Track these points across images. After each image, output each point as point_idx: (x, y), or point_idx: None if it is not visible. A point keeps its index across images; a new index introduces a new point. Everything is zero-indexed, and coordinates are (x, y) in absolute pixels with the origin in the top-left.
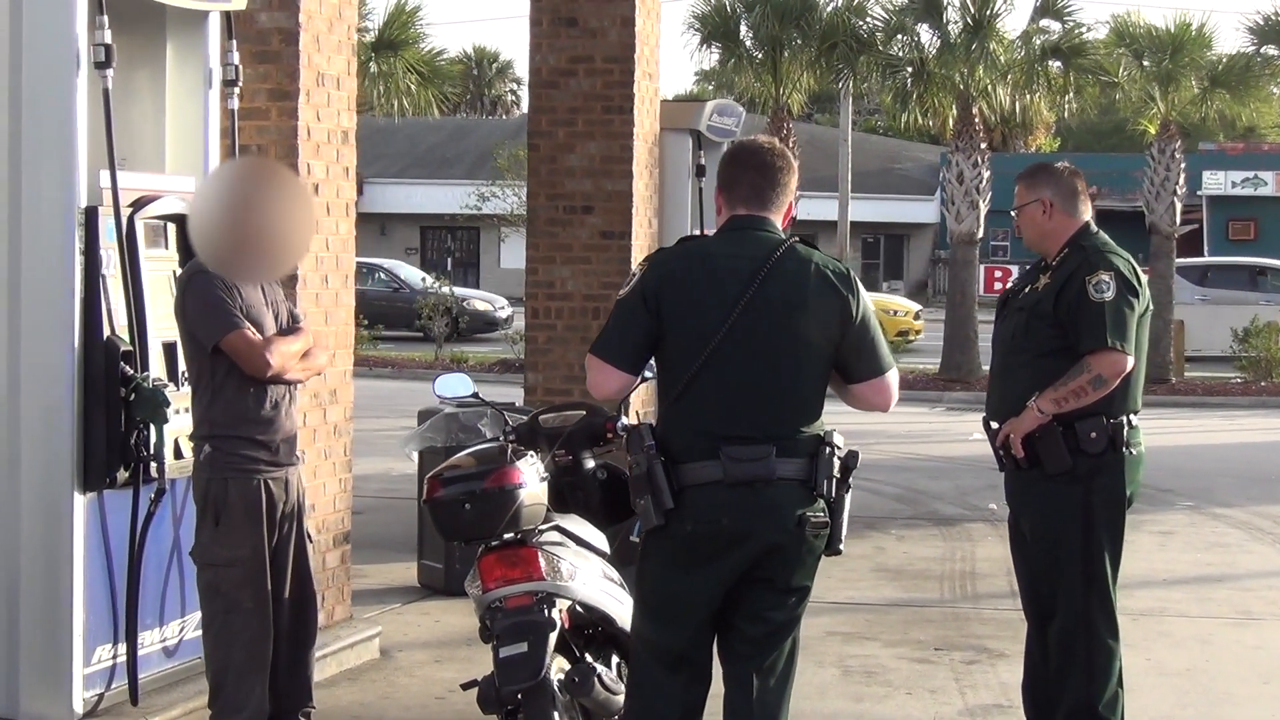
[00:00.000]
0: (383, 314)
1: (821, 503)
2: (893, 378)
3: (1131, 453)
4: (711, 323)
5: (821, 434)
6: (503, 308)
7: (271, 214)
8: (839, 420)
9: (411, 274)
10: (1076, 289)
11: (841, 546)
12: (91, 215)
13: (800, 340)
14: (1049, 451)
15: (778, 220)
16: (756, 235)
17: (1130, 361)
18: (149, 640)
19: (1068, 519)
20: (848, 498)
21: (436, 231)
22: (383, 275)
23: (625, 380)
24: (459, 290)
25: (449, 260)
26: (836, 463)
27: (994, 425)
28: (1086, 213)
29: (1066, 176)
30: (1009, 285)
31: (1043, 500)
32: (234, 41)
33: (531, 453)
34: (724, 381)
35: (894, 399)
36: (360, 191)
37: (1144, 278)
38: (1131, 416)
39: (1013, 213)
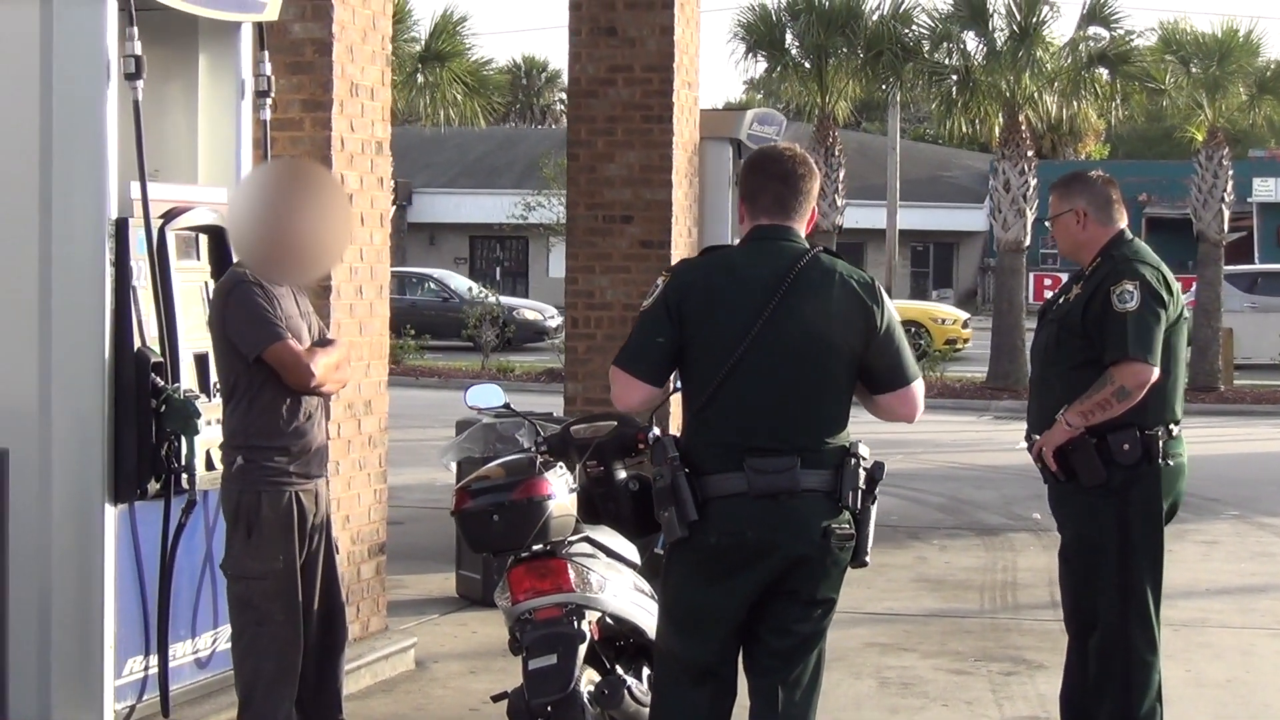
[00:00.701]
0: (432, 324)
1: (847, 514)
2: (918, 388)
3: (1169, 464)
4: (735, 334)
5: (847, 445)
6: (552, 317)
7: (309, 212)
8: (884, 430)
9: (461, 284)
10: (1101, 299)
11: (867, 558)
12: (122, 227)
13: (825, 350)
14: (1083, 464)
15: (801, 229)
16: (780, 245)
17: (1155, 372)
18: (181, 651)
19: (1104, 531)
20: (873, 509)
21: (485, 241)
22: (432, 285)
23: (649, 392)
24: (509, 300)
25: (498, 269)
26: (862, 474)
27: (1035, 438)
28: (1121, 221)
29: (1100, 185)
30: (1050, 295)
31: (1080, 512)
32: (266, 52)
33: (560, 464)
34: (748, 393)
35: (920, 410)
36: (409, 201)
37: (1175, 286)
38: (1173, 427)
39: (1047, 223)
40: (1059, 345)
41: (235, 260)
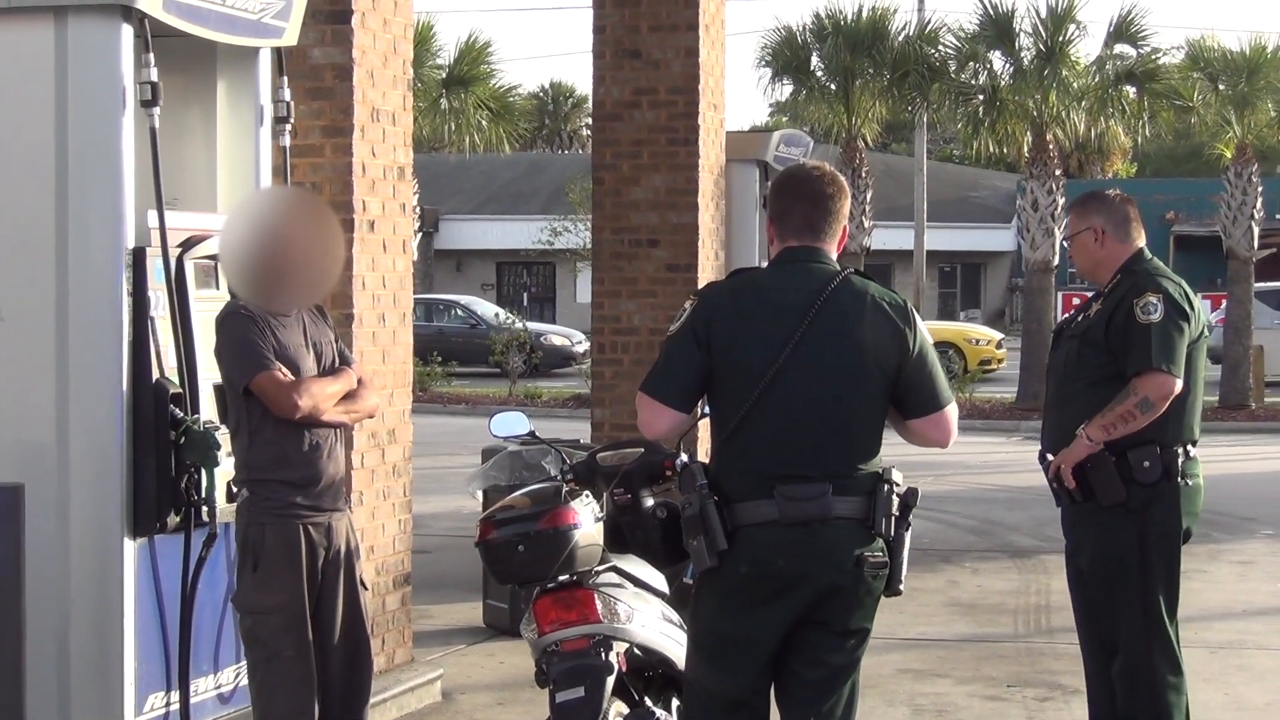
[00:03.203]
0: (459, 350)
1: (880, 542)
2: (952, 412)
3: (1188, 483)
4: (765, 358)
5: (880, 470)
6: (579, 342)
7: (295, 237)
8: (913, 452)
9: (488, 310)
10: (1125, 312)
11: (901, 586)
12: (139, 256)
13: (857, 374)
14: (1102, 482)
15: (832, 250)
16: (810, 267)
17: (1178, 384)
18: (203, 687)
19: (1124, 551)
20: (907, 536)
21: (513, 267)
22: (459, 312)
23: (677, 419)
24: (536, 325)
25: (525, 295)
26: (895, 500)
27: (1050, 458)
28: (1140, 239)
29: (1118, 204)
30: (1065, 316)
31: (1099, 533)
32: (285, 78)
33: (587, 492)
34: (778, 418)
35: (954, 434)
36: (436, 228)
37: (1198, 303)
38: (1190, 447)
39: (1065, 242)
40: (1079, 360)
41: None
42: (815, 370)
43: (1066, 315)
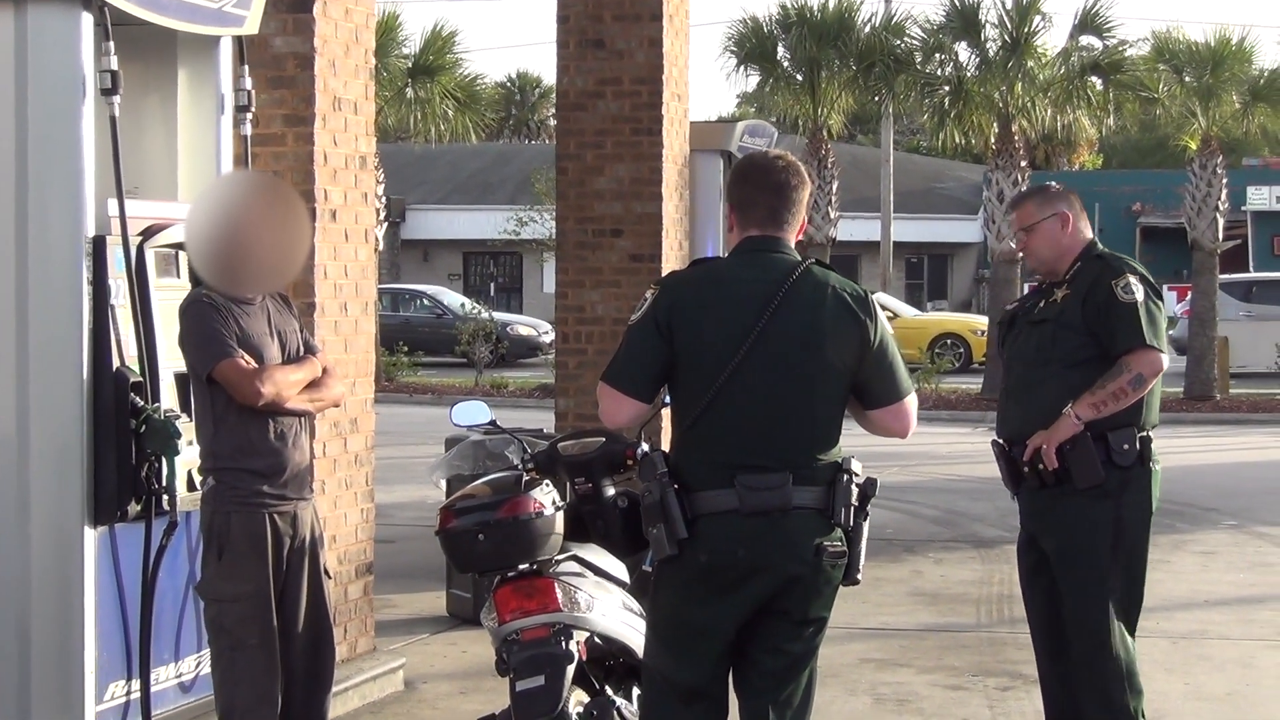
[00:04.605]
0: (426, 340)
1: (839, 532)
2: (911, 403)
3: (1155, 468)
4: (726, 348)
5: (839, 460)
6: (546, 333)
7: (261, 223)
8: (879, 442)
9: (454, 300)
10: (1104, 294)
11: (859, 576)
12: (99, 245)
13: (818, 365)
14: (1082, 464)
15: (791, 239)
16: (772, 257)
17: (1167, 361)
18: (164, 675)
19: (1098, 535)
20: (865, 526)
21: (480, 257)
22: (426, 301)
23: (638, 408)
24: (503, 316)
25: (492, 286)
26: (854, 490)
27: (1005, 445)
28: (1089, 231)
29: (1074, 195)
30: (1009, 305)
31: (1071, 517)
32: (246, 67)
33: (547, 481)
34: (739, 408)
35: (913, 425)
36: (403, 218)
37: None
38: (1151, 432)
39: (1019, 233)
40: (1055, 345)
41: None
42: (777, 361)
43: (1014, 305)
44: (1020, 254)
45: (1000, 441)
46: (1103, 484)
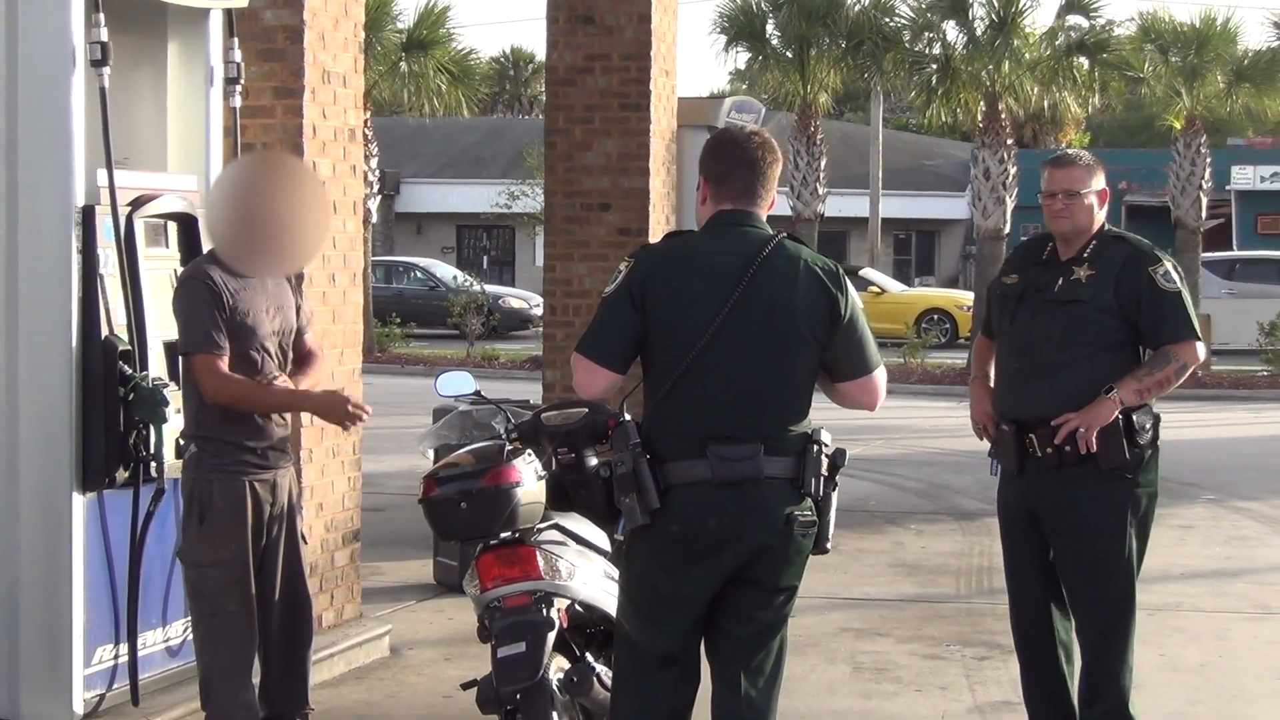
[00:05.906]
0: (419, 312)
1: (809, 501)
2: (880, 376)
3: (1158, 447)
4: (699, 321)
5: (809, 431)
6: (537, 305)
7: (286, 205)
8: (862, 416)
9: (446, 272)
10: (1144, 281)
11: (829, 545)
12: (89, 215)
13: (789, 338)
14: (1111, 445)
15: (763, 214)
16: (745, 231)
17: (1205, 352)
18: (151, 640)
19: (1119, 515)
20: (834, 496)
21: (473, 230)
22: (419, 274)
23: (612, 379)
24: (494, 288)
25: (485, 259)
26: (824, 461)
27: (1005, 427)
28: None
29: None
30: (1008, 279)
31: (1093, 497)
32: (236, 39)
33: (529, 451)
34: (712, 380)
35: (881, 398)
36: (397, 191)
37: None
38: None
39: (1059, 194)
40: (1088, 326)
41: (207, 249)
42: (749, 334)
43: (1012, 278)
44: (1055, 215)
45: (1005, 423)
46: (1126, 464)
